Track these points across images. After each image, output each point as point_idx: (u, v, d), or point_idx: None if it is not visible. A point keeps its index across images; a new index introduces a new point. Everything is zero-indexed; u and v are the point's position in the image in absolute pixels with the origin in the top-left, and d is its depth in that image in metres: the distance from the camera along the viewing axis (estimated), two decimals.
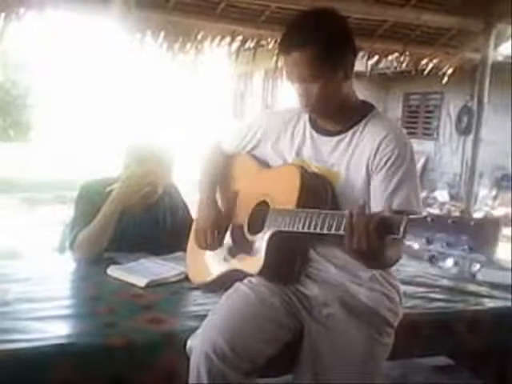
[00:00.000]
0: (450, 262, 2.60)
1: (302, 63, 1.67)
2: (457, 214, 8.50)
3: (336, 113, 1.80)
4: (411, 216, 1.38)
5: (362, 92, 1.88)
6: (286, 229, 1.72)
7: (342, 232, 1.52)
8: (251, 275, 1.87)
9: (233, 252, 1.99)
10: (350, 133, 1.79)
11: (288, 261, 1.84)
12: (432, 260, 2.61)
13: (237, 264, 1.94)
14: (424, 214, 1.39)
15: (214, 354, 1.59)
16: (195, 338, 1.69)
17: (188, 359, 1.67)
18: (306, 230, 1.64)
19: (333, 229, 1.55)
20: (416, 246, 1.35)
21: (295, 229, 1.68)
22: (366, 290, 1.80)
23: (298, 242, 1.80)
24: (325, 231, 1.58)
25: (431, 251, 1.33)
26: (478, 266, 2.55)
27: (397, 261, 1.71)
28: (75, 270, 2.35)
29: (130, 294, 2.06)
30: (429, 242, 1.32)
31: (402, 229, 1.37)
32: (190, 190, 2.95)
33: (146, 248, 2.46)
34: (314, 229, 1.61)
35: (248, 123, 2.12)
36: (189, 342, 1.69)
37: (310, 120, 1.89)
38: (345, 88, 1.77)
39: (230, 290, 1.85)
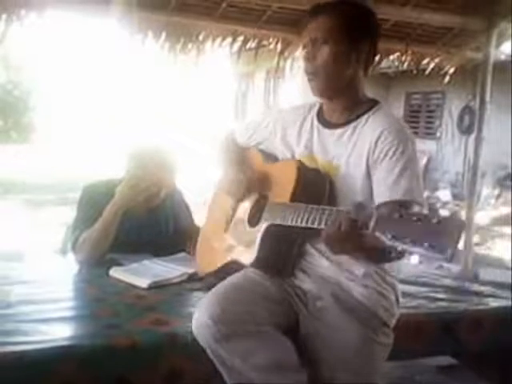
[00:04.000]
0: (414, 259, 2.59)
1: (322, 24, 1.78)
2: (461, 213, 8.49)
3: (338, 97, 1.82)
4: (379, 212, 1.39)
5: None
6: (279, 222, 1.76)
7: (323, 226, 1.56)
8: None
9: (233, 243, 2.03)
10: (351, 126, 1.81)
11: (282, 254, 1.86)
12: (398, 256, 2.58)
13: (235, 255, 1.98)
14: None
15: (211, 321, 1.61)
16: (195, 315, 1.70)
17: (191, 360, 1.69)
18: (294, 223, 1.68)
19: (316, 223, 1.58)
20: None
21: (286, 222, 1.72)
22: (359, 287, 1.79)
23: (292, 236, 1.82)
24: (309, 225, 1.61)
25: (398, 247, 1.33)
26: (436, 265, 2.54)
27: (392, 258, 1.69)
28: (78, 271, 2.35)
29: (132, 296, 2.07)
30: (395, 238, 1.32)
31: (372, 224, 1.38)
32: (192, 192, 2.95)
33: (148, 250, 2.46)
34: (301, 222, 1.64)
35: (257, 119, 2.15)
36: (193, 324, 1.69)
37: (318, 114, 1.91)
38: (352, 74, 1.80)
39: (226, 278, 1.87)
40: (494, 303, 2.39)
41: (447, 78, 6.15)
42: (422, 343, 2.15)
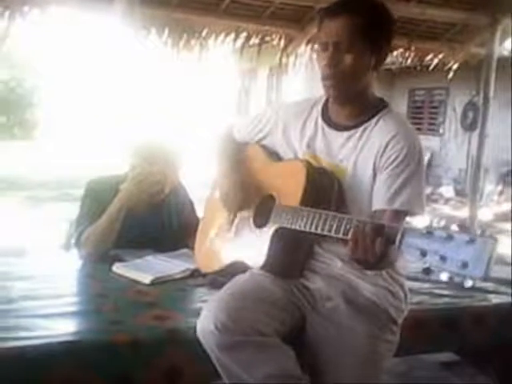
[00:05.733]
0: (444, 276, 2.57)
1: (347, 27, 1.68)
2: (463, 209, 8.49)
3: (352, 101, 1.79)
4: (407, 227, 1.38)
5: None
6: (289, 226, 1.73)
7: (340, 235, 1.54)
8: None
9: (238, 244, 2.00)
10: (360, 129, 1.78)
11: (291, 257, 1.85)
12: (426, 272, 2.57)
13: (241, 256, 1.95)
14: (425, 220, 1.38)
15: (216, 329, 1.60)
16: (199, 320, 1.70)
17: (193, 355, 1.68)
18: (307, 229, 1.66)
19: (333, 231, 1.57)
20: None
21: (297, 227, 1.70)
22: (369, 285, 1.80)
23: (302, 239, 1.80)
24: (325, 232, 1.59)
25: (425, 263, 1.32)
26: (470, 283, 2.52)
27: (392, 263, 1.70)
28: (81, 267, 2.35)
29: (135, 291, 2.06)
30: (423, 254, 1.31)
31: (398, 239, 1.38)
32: (197, 188, 2.95)
33: (151, 246, 2.46)
34: (316, 229, 1.63)
35: (258, 114, 2.09)
36: (197, 326, 1.69)
37: (323, 113, 1.87)
38: (369, 77, 1.77)
39: (232, 280, 1.86)
40: (496, 299, 2.39)
41: (451, 74, 6.16)
42: (424, 339, 2.14)
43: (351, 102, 1.79)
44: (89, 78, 21.10)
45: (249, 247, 1.93)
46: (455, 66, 6.04)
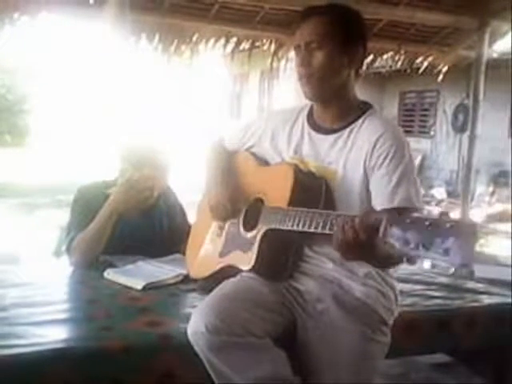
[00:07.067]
0: (426, 264, 2.59)
1: (316, 27, 1.77)
2: (454, 211, 8.52)
3: (333, 103, 1.83)
4: (389, 217, 1.38)
5: (357, 91, 1.88)
6: (278, 226, 1.75)
7: (327, 231, 1.55)
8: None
9: (228, 248, 2.01)
10: (347, 130, 1.81)
11: (281, 258, 1.85)
12: (410, 261, 2.58)
13: (231, 260, 1.96)
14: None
15: (207, 330, 1.61)
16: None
17: (185, 361, 1.69)
18: (294, 228, 1.68)
19: (319, 227, 1.59)
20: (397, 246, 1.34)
21: (285, 227, 1.71)
22: (360, 285, 1.80)
23: (291, 240, 1.82)
24: (312, 229, 1.61)
25: (410, 253, 1.33)
26: (452, 270, 2.54)
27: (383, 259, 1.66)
28: (72, 273, 2.34)
29: (127, 297, 2.06)
30: (406, 243, 1.31)
31: (381, 230, 1.38)
32: (186, 192, 2.95)
33: (142, 251, 2.45)
34: (303, 227, 1.64)
35: (246, 123, 2.14)
36: (188, 329, 1.69)
37: (308, 118, 1.91)
38: (345, 77, 1.81)
39: (222, 284, 1.87)
40: (488, 300, 2.40)
41: (441, 77, 6.18)
42: (417, 341, 2.15)
43: (332, 104, 1.83)
44: (79, 83, 21.07)
45: (240, 251, 1.94)
46: (445, 69, 6.06)
